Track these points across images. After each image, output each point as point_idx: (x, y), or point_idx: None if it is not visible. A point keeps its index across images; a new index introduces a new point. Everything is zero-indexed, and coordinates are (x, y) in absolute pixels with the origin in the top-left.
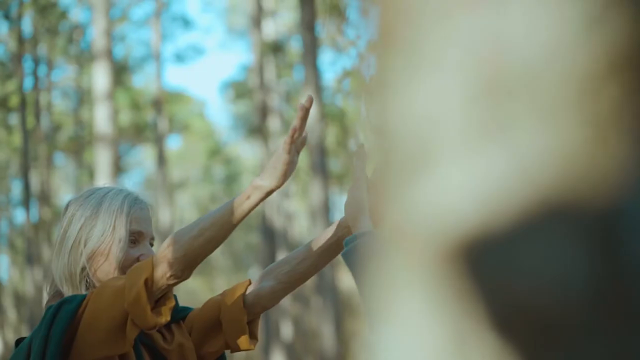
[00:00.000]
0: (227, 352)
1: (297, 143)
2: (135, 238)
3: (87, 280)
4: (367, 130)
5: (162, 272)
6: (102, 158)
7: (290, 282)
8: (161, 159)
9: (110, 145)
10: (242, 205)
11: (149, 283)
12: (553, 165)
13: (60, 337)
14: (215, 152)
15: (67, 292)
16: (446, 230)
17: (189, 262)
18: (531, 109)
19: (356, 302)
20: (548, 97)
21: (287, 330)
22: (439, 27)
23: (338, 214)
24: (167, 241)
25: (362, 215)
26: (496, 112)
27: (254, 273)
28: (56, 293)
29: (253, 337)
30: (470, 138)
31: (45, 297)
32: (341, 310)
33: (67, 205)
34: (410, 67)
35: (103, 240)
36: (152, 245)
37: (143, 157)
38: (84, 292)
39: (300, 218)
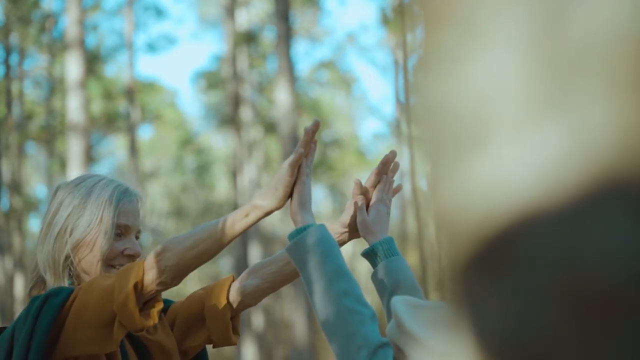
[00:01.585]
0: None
1: (307, 165)
2: (122, 231)
3: (70, 270)
4: (422, 107)
5: (152, 278)
6: (74, 147)
7: (275, 283)
8: (133, 149)
9: (82, 134)
10: (239, 222)
11: (138, 287)
12: (612, 141)
13: (45, 331)
14: (187, 142)
15: (50, 279)
16: (503, 207)
17: (180, 271)
18: (589, 84)
19: None
20: (606, 72)
21: (258, 320)
22: (494, 1)
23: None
24: (160, 247)
25: (304, 209)
26: (553, 87)
27: (225, 264)
28: (39, 279)
29: (235, 332)
30: (527, 114)
31: (16, 287)
32: None
33: (56, 190)
34: (466, 42)
35: (89, 231)
36: (137, 238)
37: (115, 146)
38: (66, 281)
39: None
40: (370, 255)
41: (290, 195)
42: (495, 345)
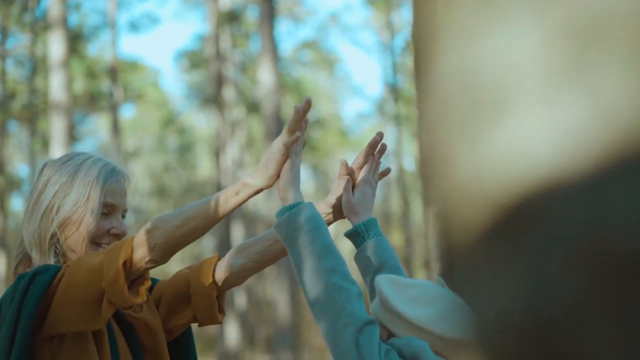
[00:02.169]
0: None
1: (297, 144)
2: (108, 210)
3: (56, 247)
4: (437, 78)
5: (142, 256)
6: (56, 126)
7: (261, 262)
8: (115, 128)
9: (65, 113)
10: (229, 200)
11: (127, 264)
12: (634, 107)
13: (33, 309)
14: (169, 121)
15: (36, 257)
16: (524, 173)
17: (169, 248)
18: (611, 53)
19: None
20: (628, 42)
21: (240, 300)
22: None
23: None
24: (149, 225)
25: (292, 188)
26: (575, 56)
27: (208, 244)
28: (24, 257)
29: (221, 311)
30: (548, 81)
31: None
32: (296, 281)
33: (43, 167)
34: (487, 12)
35: (76, 210)
36: (124, 217)
37: (97, 125)
38: (52, 258)
39: None
40: (353, 235)
41: (279, 174)
42: (516, 311)
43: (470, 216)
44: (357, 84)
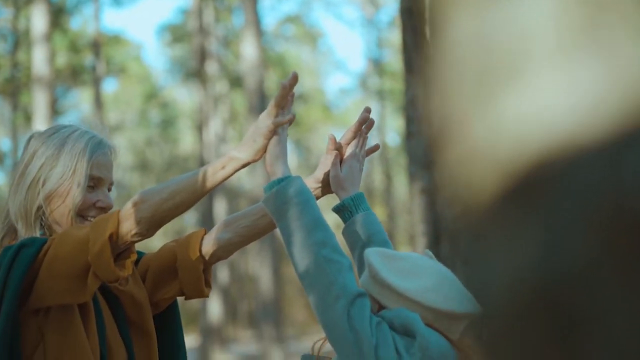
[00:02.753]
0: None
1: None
2: (95, 183)
3: (42, 220)
4: (452, 42)
5: (128, 229)
6: (38, 100)
7: (248, 236)
8: (98, 102)
9: (47, 87)
10: (216, 174)
11: (113, 238)
12: None
13: (19, 281)
14: (152, 95)
15: (21, 229)
16: (539, 138)
17: (155, 222)
18: (624, 17)
19: None
20: None
21: (223, 274)
22: None
23: None
24: (135, 198)
25: (280, 162)
26: (589, 21)
27: (190, 219)
28: (10, 229)
29: (207, 285)
30: (563, 48)
31: None
32: (279, 255)
33: (29, 139)
34: None
35: (62, 183)
36: (110, 190)
37: (79, 99)
38: (38, 231)
39: None
40: (341, 210)
41: (266, 147)
42: (530, 273)
43: (485, 181)
44: (340, 59)
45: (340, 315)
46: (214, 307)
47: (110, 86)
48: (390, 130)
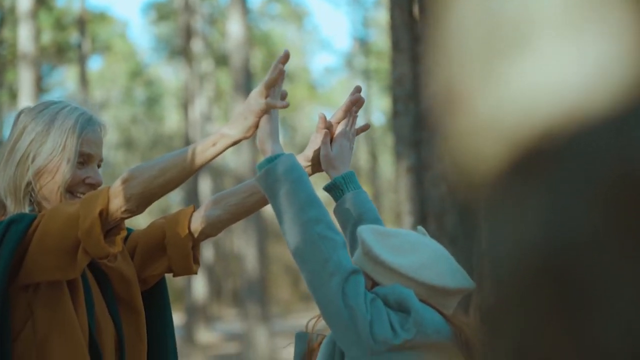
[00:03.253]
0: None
1: (274, 95)
2: (84, 160)
3: (31, 196)
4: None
5: (118, 206)
6: (24, 78)
7: (237, 214)
8: (83, 80)
9: (33, 65)
10: (207, 151)
11: (103, 214)
12: None
13: (8, 257)
14: (137, 73)
15: (10, 205)
16: (546, 107)
17: (145, 199)
18: None
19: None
20: None
21: (208, 253)
22: None
23: None
24: (125, 175)
25: (272, 139)
26: None
27: (175, 197)
28: None
29: (196, 262)
30: (570, 17)
31: None
32: (264, 234)
33: (19, 115)
34: None
35: (51, 159)
36: (99, 166)
37: (65, 77)
38: (27, 207)
39: None
40: (332, 189)
41: (258, 125)
42: (535, 245)
43: (490, 152)
44: (326, 38)
45: (334, 292)
46: (199, 285)
47: (95, 64)
48: (376, 109)
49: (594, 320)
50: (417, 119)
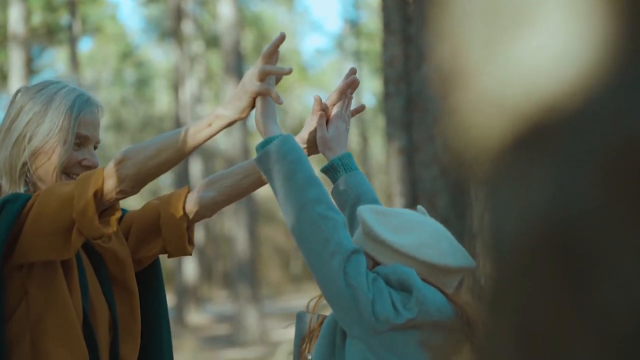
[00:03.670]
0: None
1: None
2: (81, 141)
3: (26, 176)
4: None
5: (112, 186)
6: (14, 59)
7: (232, 196)
8: (73, 61)
9: (23, 46)
10: (202, 132)
11: (98, 195)
12: None
13: (3, 237)
14: (127, 55)
15: (5, 185)
16: (549, 80)
17: (140, 179)
18: None
19: (271, 207)
20: None
21: (198, 235)
22: None
23: (253, 120)
24: (120, 156)
25: (269, 120)
26: None
27: (166, 179)
28: None
29: (190, 243)
30: None
31: None
32: (255, 216)
33: (16, 94)
34: None
35: (48, 140)
36: (96, 148)
37: (55, 59)
38: (22, 187)
39: None
40: (329, 170)
41: (253, 106)
42: (537, 218)
43: (494, 126)
44: (317, 20)
45: (336, 272)
46: (190, 267)
47: (85, 45)
48: (367, 91)
49: (599, 291)
50: (408, 100)
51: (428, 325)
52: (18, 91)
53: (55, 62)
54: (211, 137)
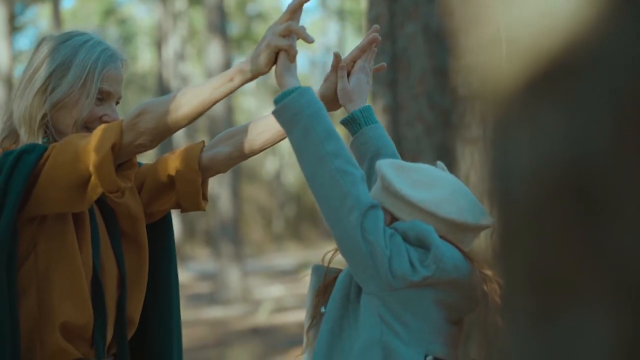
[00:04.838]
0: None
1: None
2: (103, 97)
3: (46, 128)
4: None
5: (131, 140)
6: None
7: (247, 152)
8: (56, 18)
9: (6, 3)
10: (224, 86)
11: (115, 148)
12: None
13: (20, 188)
14: (110, 12)
15: (24, 135)
16: (563, 24)
17: (158, 134)
18: None
19: (254, 166)
20: None
21: None
22: None
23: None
24: (138, 109)
25: (289, 73)
26: None
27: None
28: (12, 132)
29: (204, 198)
30: None
31: None
32: (238, 175)
33: (41, 42)
34: None
35: (70, 93)
36: (117, 104)
37: (38, 16)
38: (41, 139)
39: (197, 81)
40: (349, 122)
41: (275, 61)
42: (552, 157)
43: (509, 67)
44: None
45: (353, 226)
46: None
47: (68, 2)
48: (350, 50)
49: (610, 235)
50: (393, 58)
51: (444, 284)
52: (42, 39)
53: (38, 19)
54: (232, 92)
